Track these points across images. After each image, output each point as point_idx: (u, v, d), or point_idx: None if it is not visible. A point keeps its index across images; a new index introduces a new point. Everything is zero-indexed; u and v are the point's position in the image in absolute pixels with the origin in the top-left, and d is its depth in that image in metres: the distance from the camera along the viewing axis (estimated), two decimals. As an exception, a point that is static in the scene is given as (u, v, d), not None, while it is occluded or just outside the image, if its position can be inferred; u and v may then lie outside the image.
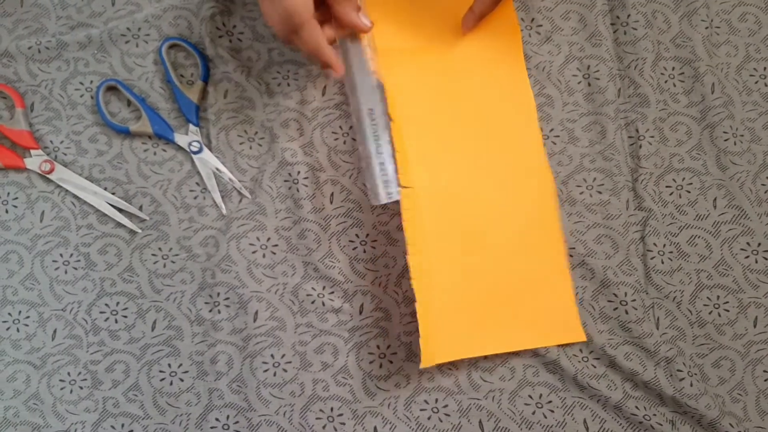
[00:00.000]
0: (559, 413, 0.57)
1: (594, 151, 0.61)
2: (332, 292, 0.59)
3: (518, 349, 0.57)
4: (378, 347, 0.59)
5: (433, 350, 0.54)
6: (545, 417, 0.57)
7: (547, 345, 0.57)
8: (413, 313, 0.58)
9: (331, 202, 0.60)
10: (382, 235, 0.60)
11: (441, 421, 0.57)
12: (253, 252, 0.59)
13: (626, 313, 0.57)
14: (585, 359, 0.57)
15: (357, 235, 0.60)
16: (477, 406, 0.57)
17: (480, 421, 0.57)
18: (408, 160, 0.55)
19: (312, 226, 0.59)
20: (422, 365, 0.52)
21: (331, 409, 0.57)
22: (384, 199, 0.54)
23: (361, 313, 0.58)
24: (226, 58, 0.62)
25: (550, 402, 0.57)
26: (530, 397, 0.57)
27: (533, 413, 0.57)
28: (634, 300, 0.57)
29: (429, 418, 0.57)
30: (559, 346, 0.57)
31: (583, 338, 0.57)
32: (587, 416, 0.57)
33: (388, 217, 0.60)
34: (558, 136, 0.61)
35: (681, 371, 0.56)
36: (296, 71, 0.62)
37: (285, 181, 0.60)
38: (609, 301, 0.58)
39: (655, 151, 0.61)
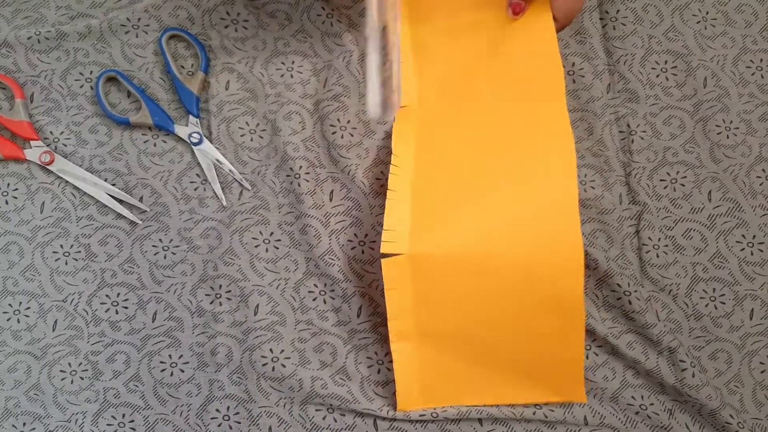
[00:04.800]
0: (560, 412, 0.54)
1: (582, 148, 0.58)
2: (333, 290, 0.56)
3: (507, 403, 0.53)
4: (376, 353, 0.56)
5: (411, 396, 0.53)
6: (546, 416, 0.53)
7: (540, 402, 0.53)
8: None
9: (331, 200, 0.57)
10: (380, 237, 0.56)
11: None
12: (256, 246, 0.56)
13: (630, 303, 0.54)
14: (588, 347, 0.55)
15: (356, 235, 0.56)
16: (477, 408, 0.54)
17: (480, 420, 0.54)
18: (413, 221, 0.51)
19: (313, 222, 0.56)
20: (399, 408, 0.53)
21: (331, 404, 0.54)
22: (379, 114, 0.50)
23: (359, 316, 0.56)
24: (230, 48, 0.58)
25: (548, 403, 0.54)
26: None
27: (534, 414, 0.54)
28: (636, 291, 0.54)
29: (433, 422, 0.54)
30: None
31: (584, 400, 0.52)
32: (587, 413, 0.54)
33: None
34: None
35: (684, 362, 0.53)
36: (301, 63, 0.59)
37: (287, 175, 0.57)
38: (612, 290, 0.55)
39: (647, 145, 0.58)
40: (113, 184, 0.57)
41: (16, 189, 0.57)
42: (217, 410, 0.55)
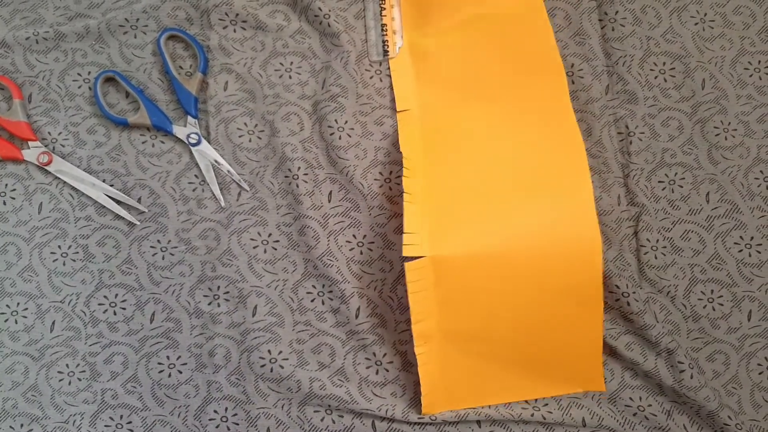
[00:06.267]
0: (558, 413, 0.53)
1: (581, 149, 0.57)
2: (331, 291, 0.55)
3: (529, 398, 0.53)
4: (374, 354, 0.55)
5: (436, 399, 0.52)
6: (544, 418, 0.53)
7: (562, 394, 0.53)
8: (408, 321, 0.55)
9: (329, 201, 0.56)
10: (379, 237, 0.56)
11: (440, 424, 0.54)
12: (254, 247, 0.56)
13: (628, 304, 0.54)
14: None
15: (354, 236, 0.56)
16: (475, 411, 0.53)
17: (478, 423, 0.54)
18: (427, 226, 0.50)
19: (311, 223, 0.56)
20: (423, 412, 0.52)
21: (329, 405, 0.54)
22: (380, 56, 0.58)
23: (357, 317, 0.55)
24: (228, 49, 0.58)
25: (547, 405, 0.54)
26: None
27: (532, 415, 0.53)
28: (635, 292, 0.54)
29: (432, 425, 0.54)
30: None
31: (603, 388, 0.53)
32: (585, 414, 0.53)
33: (386, 219, 0.56)
34: None
35: (682, 363, 0.53)
36: (299, 64, 0.59)
37: (286, 176, 0.56)
38: (611, 292, 0.54)
39: (645, 146, 0.58)
40: (111, 185, 0.57)
41: (14, 190, 0.57)
42: (215, 411, 0.54)
